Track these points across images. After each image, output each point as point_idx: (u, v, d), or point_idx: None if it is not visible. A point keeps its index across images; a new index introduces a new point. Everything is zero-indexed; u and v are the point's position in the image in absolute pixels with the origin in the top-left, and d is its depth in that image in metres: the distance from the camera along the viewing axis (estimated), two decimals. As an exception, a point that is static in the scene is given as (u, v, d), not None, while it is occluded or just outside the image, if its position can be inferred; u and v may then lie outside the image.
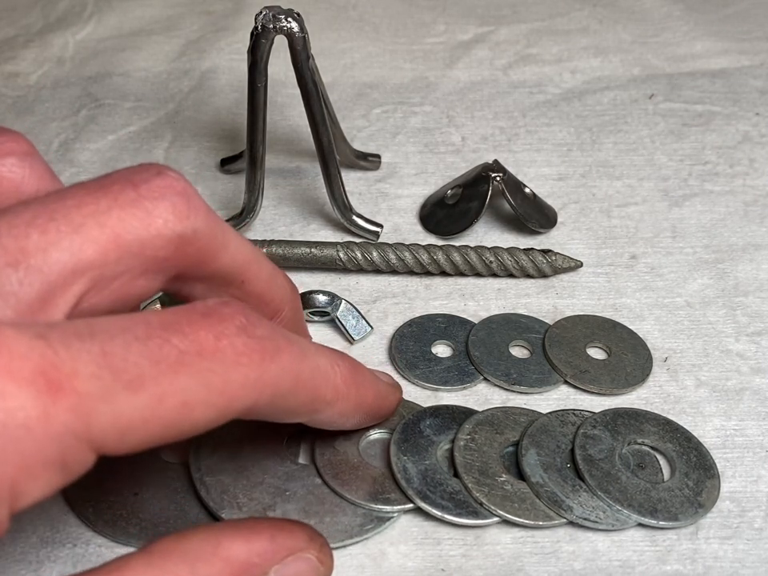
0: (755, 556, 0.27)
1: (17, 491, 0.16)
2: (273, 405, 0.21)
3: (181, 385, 0.18)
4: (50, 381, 0.16)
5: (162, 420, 0.18)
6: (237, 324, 0.20)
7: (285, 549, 0.21)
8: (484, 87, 0.52)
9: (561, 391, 0.32)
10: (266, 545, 0.21)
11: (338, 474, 0.28)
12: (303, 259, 0.37)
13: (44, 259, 0.19)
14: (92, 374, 0.17)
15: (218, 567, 0.20)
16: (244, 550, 0.20)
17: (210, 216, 0.22)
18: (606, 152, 0.46)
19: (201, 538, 0.20)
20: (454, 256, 0.37)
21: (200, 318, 0.19)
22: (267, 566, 0.21)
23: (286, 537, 0.22)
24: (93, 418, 0.17)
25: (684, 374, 0.33)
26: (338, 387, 0.24)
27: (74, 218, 0.19)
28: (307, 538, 0.22)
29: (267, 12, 0.34)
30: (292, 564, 0.21)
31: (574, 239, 0.40)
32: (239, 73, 0.52)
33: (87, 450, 0.17)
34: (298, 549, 0.22)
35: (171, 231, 0.21)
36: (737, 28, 0.59)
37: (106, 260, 0.20)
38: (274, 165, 0.44)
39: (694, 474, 0.29)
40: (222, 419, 0.19)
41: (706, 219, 0.41)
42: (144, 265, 0.21)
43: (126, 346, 0.17)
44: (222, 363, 0.19)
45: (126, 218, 0.20)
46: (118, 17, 0.60)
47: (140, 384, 0.17)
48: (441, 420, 0.30)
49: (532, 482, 0.28)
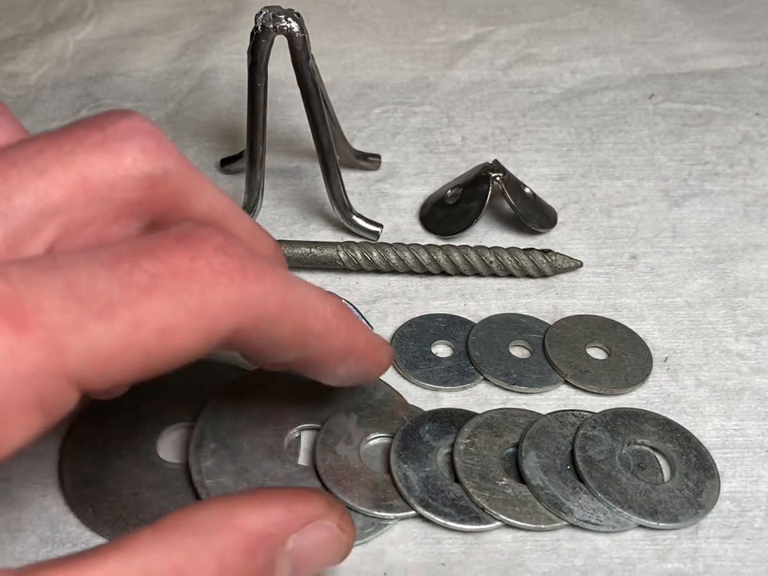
0: (755, 555, 0.27)
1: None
2: (259, 332, 0.20)
3: (156, 309, 0.17)
4: (11, 318, 0.15)
5: (141, 348, 0.17)
6: (214, 244, 0.19)
7: (302, 517, 0.21)
8: (484, 87, 0.52)
9: (561, 391, 0.32)
10: (282, 513, 0.20)
11: (340, 481, 0.28)
12: (303, 259, 0.37)
13: (7, 205, 0.18)
14: (58, 307, 0.16)
15: (233, 538, 0.19)
16: (260, 519, 0.20)
17: (182, 159, 0.21)
18: (606, 152, 0.46)
19: (213, 510, 0.19)
20: (454, 256, 0.37)
21: (173, 241, 0.19)
22: (285, 536, 0.20)
23: (303, 504, 0.21)
24: (66, 352, 0.16)
25: (684, 374, 0.33)
26: (328, 320, 0.22)
27: (37, 162, 0.19)
28: (326, 504, 0.22)
29: (267, 12, 0.34)
30: (311, 532, 0.21)
31: (574, 239, 0.40)
32: (239, 73, 0.52)
33: (66, 387, 0.16)
34: (316, 516, 0.21)
35: (141, 171, 0.20)
36: (737, 28, 0.59)
37: (73, 203, 0.19)
38: (274, 165, 0.44)
39: (694, 474, 0.29)
40: (207, 345, 0.18)
41: (706, 219, 0.41)
42: (115, 209, 0.20)
43: (93, 275, 0.17)
44: (200, 284, 0.18)
45: (93, 160, 0.19)
46: (117, 17, 0.60)
47: (111, 312, 0.17)
48: (440, 424, 0.30)
49: (532, 484, 0.28)
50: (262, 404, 0.31)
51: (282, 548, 0.20)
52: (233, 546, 0.19)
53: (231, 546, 0.19)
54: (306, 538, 0.21)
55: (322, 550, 0.21)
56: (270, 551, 0.20)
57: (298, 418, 0.30)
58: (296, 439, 0.30)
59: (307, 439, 0.30)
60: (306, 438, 0.30)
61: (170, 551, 0.18)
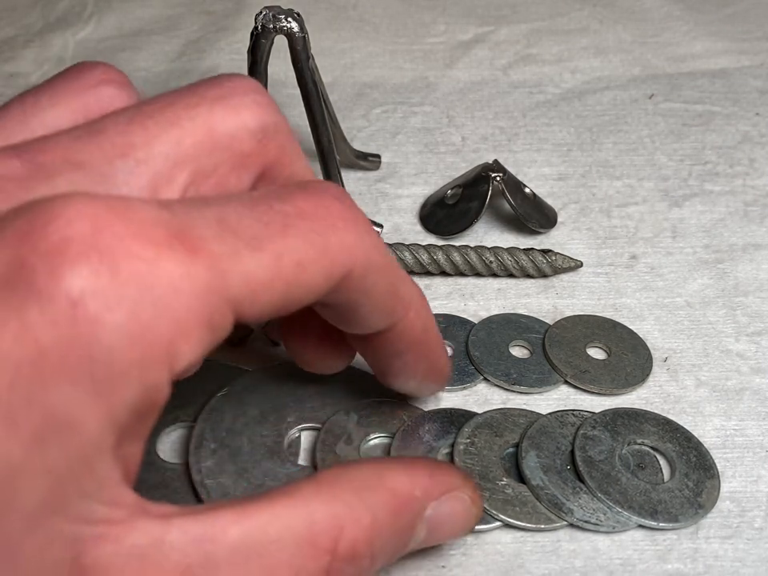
0: (756, 555, 0.27)
1: (174, 351, 0.17)
2: (363, 282, 0.21)
3: (292, 245, 0.19)
4: (185, 243, 0.17)
5: (284, 279, 0.18)
6: (333, 193, 0.21)
7: (443, 485, 0.22)
8: (484, 87, 0.52)
9: (561, 391, 0.32)
10: (426, 480, 0.22)
11: None
12: (303, 259, 0.37)
13: (149, 152, 0.20)
14: (217, 237, 0.17)
15: (384, 497, 0.20)
16: (407, 482, 0.21)
17: (285, 118, 0.23)
18: (606, 152, 0.46)
19: (367, 469, 0.21)
20: (453, 256, 0.37)
21: (296, 189, 0.20)
22: (426, 501, 0.21)
23: (443, 474, 0.22)
24: (228, 277, 0.17)
25: (684, 374, 0.33)
26: (416, 294, 0.24)
27: (169, 115, 0.21)
28: (462, 477, 0.23)
29: (267, 12, 0.34)
30: (448, 502, 0.22)
31: (574, 239, 0.40)
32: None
33: (227, 309, 0.18)
34: (454, 487, 0.22)
35: (256, 124, 0.22)
36: (737, 28, 0.59)
37: (201, 152, 0.21)
38: (273, 165, 0.44)
39: (694, 474, 0.29)
40: (327, 283, 0.20)
41: (706, 219, 0.41)
42: (233, 159, 0.21)
43: (238, 212, 0.18)
44: (323, 225, 0.20)
45: (216, 112, 0.21)
46: (117, 17, 0.60)
47: (259, 244, 0.18)
48: (440, 424, 0.30)
49: (532, 484, 0.28)
50: (262, 404, 0.31)
51: (422, 513, 0.21)
52: (384, 505, 0.20)
53: (383, 505, 0.20)
54: (443, 507, 0.22)
55: (453, 520, 0.22)
56: (413, 514, 0.21)
57: (297, 418, 0.30)
58: (296, 439, 0.30)
59: (307, 439, 0.30)
60: (306, 437, 0.30)
61: (330, 502, 0.19)
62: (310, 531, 0.19)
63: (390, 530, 0.21)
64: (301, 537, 0.19)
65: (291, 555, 0.18)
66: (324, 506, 0.19)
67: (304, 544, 0.19)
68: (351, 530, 0.19)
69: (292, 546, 0.19)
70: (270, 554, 0.18)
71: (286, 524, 0.19)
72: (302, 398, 0.31)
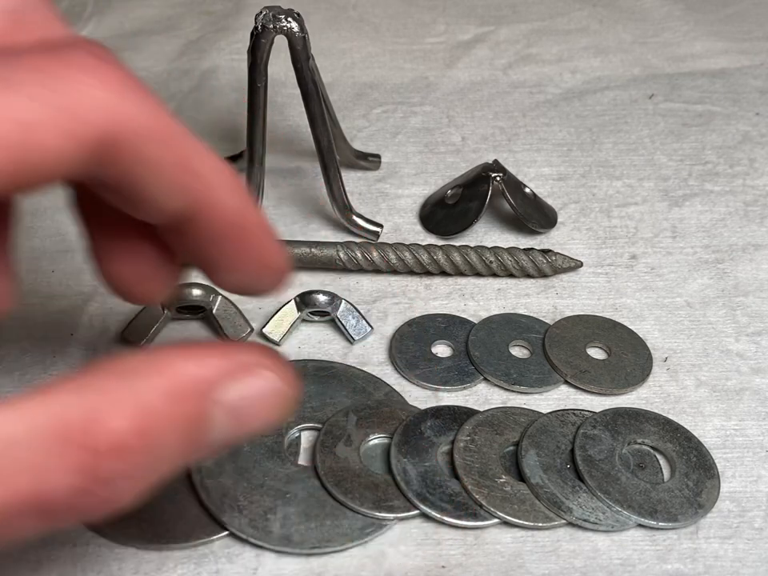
0: (756, 555, 0.27)
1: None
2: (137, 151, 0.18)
3: (12, 103, 0.16)
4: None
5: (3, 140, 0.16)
6: (86, 49, 0.18)
7: (240, 364, 0.19)
8: (484, 87, 0.52)
9: (561, 391, 0.32)
10: (216, 360, 0.19)
11: (340, 482, 0.28)
12: (303, 259, 0.37)
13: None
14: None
15: (157, 381, 0.18)
16: (189, 365, 0.18)
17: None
18: (606, 152, 0.46)
19: (141, 357, 0.18)
20: (454, 256, 0.37)
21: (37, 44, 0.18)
22: (217, 383, 0.19)
23: (241, 352, 0.20)
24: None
25: (684, 374, 0.33)
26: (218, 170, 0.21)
27: None
28: (266, 354, 0.20)
29: (267, 12, 0.34)
30: (249, 381, 0.19)
31: (574, 239, 0.40)
32: (239, 73, 0.52)
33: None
34: (255, 365, 0.20)
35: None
36: (737, 28, 0.59)
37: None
38: (273, 165, 0.44)
39: (694, 474, 0.29)
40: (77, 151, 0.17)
41: (706, 219, 0.41)
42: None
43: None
44: (61, 81, 0.17)
45: None
46: (118, 17, 0.60)
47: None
48: (442, 421, 0.30)
49: (532, 483, 0.28)
50: (261, 404, 0.31)
51: (214, 396, 0.19)
52: (157, 389, 0.18)
53: (155, 389, 0.18)
54: (243, 388, 0.19)
55: (262, 403, 0.20)
56: (200, 399, 0.18)
57: (297, 418, 0.30)
58: (296, 439, 0.30)
59: (307, 439, 0.30)
60: (306, 438, 0.30)
61: (85, 392, 0.17)
62: (60, 427, 0.17)
63: (169, 417, 0.18)
64: (48, 434, 0.16)
65: (34, 455, 0.16)
66: (77, 398, 0.17)
67: (52, 442, 0.16)
68: (113, 419, 0.17)
69: (37, 445, 0.16)
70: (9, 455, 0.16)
71: (31, 422, 0.16)
72: (301, 398, 0.31)
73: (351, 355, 0.34)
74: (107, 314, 0.35)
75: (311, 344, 0.34)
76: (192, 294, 0.34)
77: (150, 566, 0.26)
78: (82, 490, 0.17)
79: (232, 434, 0.20)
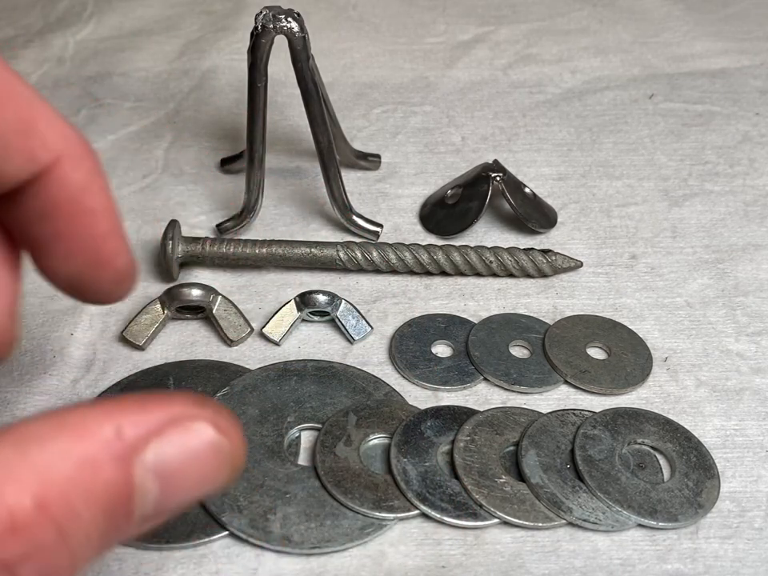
0: (756, 555, 0.27)
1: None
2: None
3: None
4: None
5: None
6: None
7: (163, 418, 0.16)
8: (484, 87, 0.52)
9: (561, 391, 0.32)
10: (133, 416, 0.16)
11: (340, 482, 0.28)
12: (303, 259, 0.37)
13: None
14: None
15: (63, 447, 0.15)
16: (108, 424, 0.16)
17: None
18: (606, 152, 0.46)
19: (51, 418, 0.15)
20: (454, 256, 0.37)
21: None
22: (139, 443, 0.16)
23: (163, 404, 0.16)
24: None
25: (684, 374, 0.33)
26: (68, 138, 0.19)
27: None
28: (194, 404, 0.17)
29: (267, 12, 0.34)
30: (176, 438, 0.16)
31: (574, 239, 0.40)
32: (239, 73, 0.52)
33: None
34: (182, 417, 0.16)
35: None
36: (737, 28, 0.59)
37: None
38: (274, 165, 0.44)
39: (694, 474, 0.29)
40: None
41: (706, 219, 0.41)
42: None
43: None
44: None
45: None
46: (118, 17, 0.60)
47: None
48: (442, 421, 0.30)
49: (532, 483, 0.28)
50: (262, 404, 0.31)
51: (138, 458, 0.16)
52: (64, 456, 0.15)
53: (62, 456, 0.15)
54: (170, 446, 0.16)
55: (195, 462, 0.17)
56: (121, 463, 0.16)
57: (297, 418, 0.30)
58: (296, 439, 0.30)
59: (307, 439, 0.30)
60: (306, 437, 0.30)
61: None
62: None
63: (85, 487, 0.15)
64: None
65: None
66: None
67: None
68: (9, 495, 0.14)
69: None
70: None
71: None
72: (301, 398, 0.31)
73: (351, 355, 0.34)
74: (107, 313, 0.35)
75: (311, 344, 0.34)
76: (192, 294, 0.34)
77: (150, 566, 0.26)
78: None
79: (164, 503, 0.17)
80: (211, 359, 0.33)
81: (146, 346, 0.33)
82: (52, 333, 0.34)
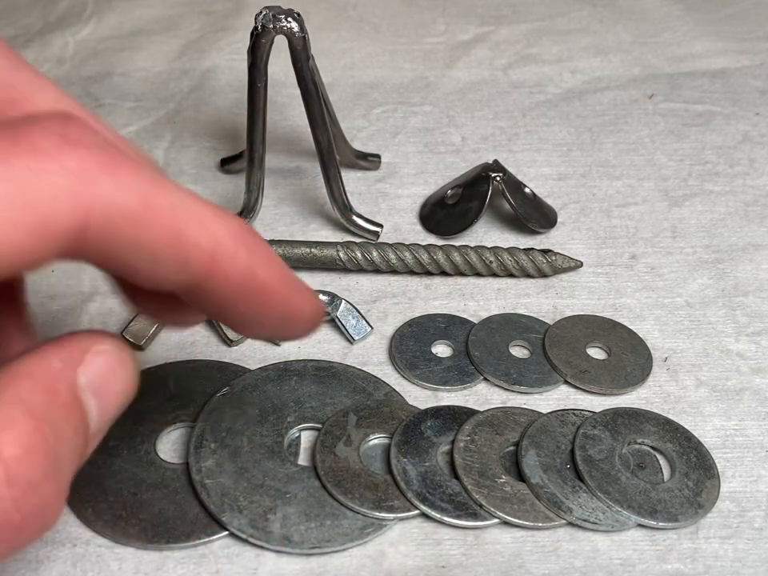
0: (756, 555, 0.27)
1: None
2: (117, 235, 0.17)
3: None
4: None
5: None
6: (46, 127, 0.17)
7: (78, 347, 0.20)
8: (484, 87, 0.52)
9: (561, 391, 0.32)
10: (57, 349, 0.19)
11: (340, 482, 0.28)
12: (303, 259, 0.37)
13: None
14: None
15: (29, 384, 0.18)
16: (45, 361, 0.19)
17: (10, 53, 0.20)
18: (606, 152, 0.46)
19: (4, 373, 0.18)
20: (454, 256, 0.37)
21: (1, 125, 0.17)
22: (71, 370, 0.19)
23: (73, 338, 0.20)
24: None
25: (684, 374, 0.33)
26: (220, 237, 0.19)
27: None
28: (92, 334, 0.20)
29: (267, 12, 0.34)
30: (94, 361, 0.20)
31: (574, 239, 0.40)
32: (239, 73, 0.52)
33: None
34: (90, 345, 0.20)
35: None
36: (737, 28, 0.59)
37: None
38: (274, 165, 0.44)
39: (693, 474, 0.29)
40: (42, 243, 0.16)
41: (706, 219, 0.41)
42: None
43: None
44: (22, 170, 0.16)
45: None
46: (118, 17, 0.60)
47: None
48: (442, 421, 0.30)
49: (532, 483, 0.28)
50: (262, 404, 0.31)
51: (75, 382, 0.19)
52: (33, 390, 0.18)
53: (31, 391, 0.18)
54: (92, 368, 0.19)
55: (112, 377, 0.20)
56: (69, 387, 0.19)
57: (297, 418, 0.30)
58: (296, 439, 0.30)
59: (307, 439, 0.30)
60: (306, 437, 0.30)
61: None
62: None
63: (53, 412, 0.18)
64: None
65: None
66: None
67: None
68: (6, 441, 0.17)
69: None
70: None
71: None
72: (301, 398, 0.31)
73: (351, 355, 0.34)
74: (107, 313, 0.35)
75: (311, 344, 0.34)
76: None
77: (150, 566, 0.26)
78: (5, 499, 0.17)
79: (103, 417, 0.20)
80: (211, 359, 0.33)
81: (146, 346, 0.33)
82: (52, 333, 0.34)
